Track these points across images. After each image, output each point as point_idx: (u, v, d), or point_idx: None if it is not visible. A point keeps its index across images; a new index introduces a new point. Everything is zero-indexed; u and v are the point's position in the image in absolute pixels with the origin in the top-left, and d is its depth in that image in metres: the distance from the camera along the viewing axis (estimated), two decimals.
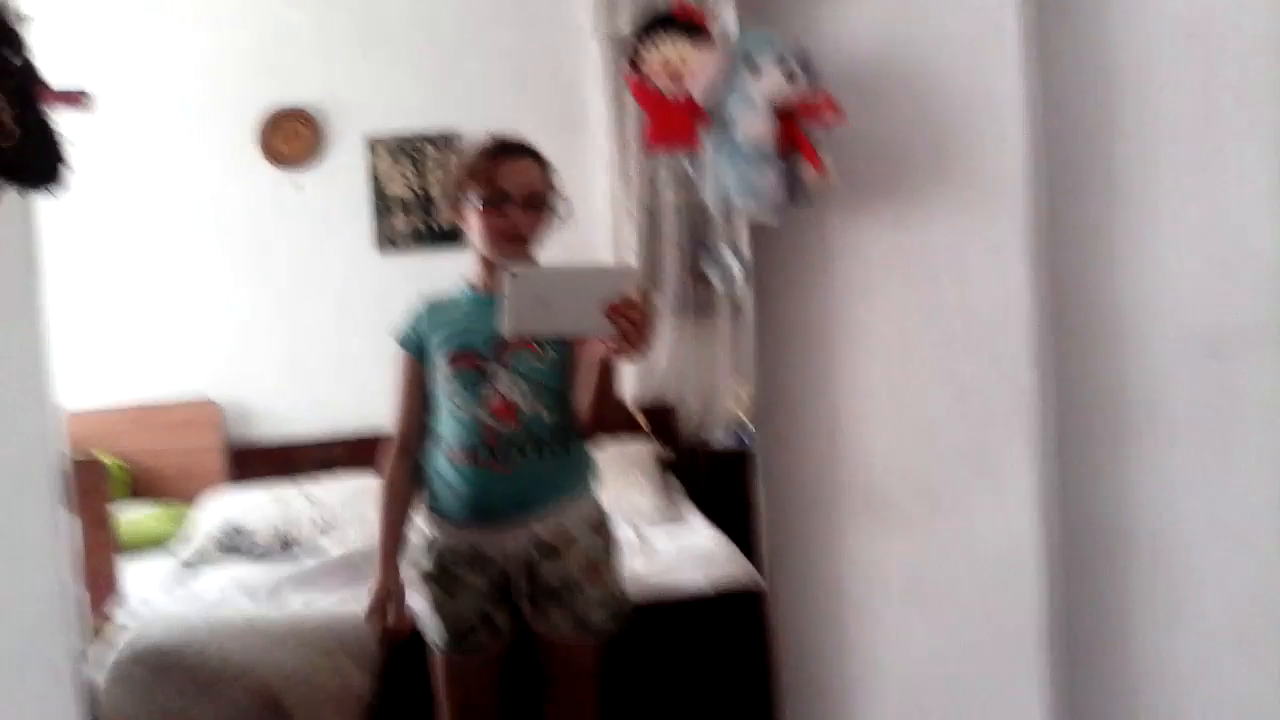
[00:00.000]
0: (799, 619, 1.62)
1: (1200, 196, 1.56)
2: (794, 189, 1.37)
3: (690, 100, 1.33)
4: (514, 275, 1.46)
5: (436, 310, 2.09)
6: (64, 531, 1.55)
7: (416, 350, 2.07)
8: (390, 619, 2.05)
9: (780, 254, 1.54)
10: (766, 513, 1.62)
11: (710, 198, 1.39)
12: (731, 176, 1.35)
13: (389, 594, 2.05)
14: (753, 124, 1.30)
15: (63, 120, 1.35)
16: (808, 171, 1.35)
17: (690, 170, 1.38)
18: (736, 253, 1.54)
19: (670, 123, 1.34)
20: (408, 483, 2.10)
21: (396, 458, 2.11)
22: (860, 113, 1.45)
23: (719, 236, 4.05)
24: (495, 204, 1.97)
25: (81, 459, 2.74)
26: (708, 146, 1.37)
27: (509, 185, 1.98)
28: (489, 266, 2.03)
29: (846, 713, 1.60)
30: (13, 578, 1.50)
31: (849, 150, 1.45)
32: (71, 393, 3.96)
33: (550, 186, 2.04)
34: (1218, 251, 1.57)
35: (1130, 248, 1.58)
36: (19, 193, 1.31)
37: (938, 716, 1.59)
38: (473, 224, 2.01)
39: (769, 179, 1.33)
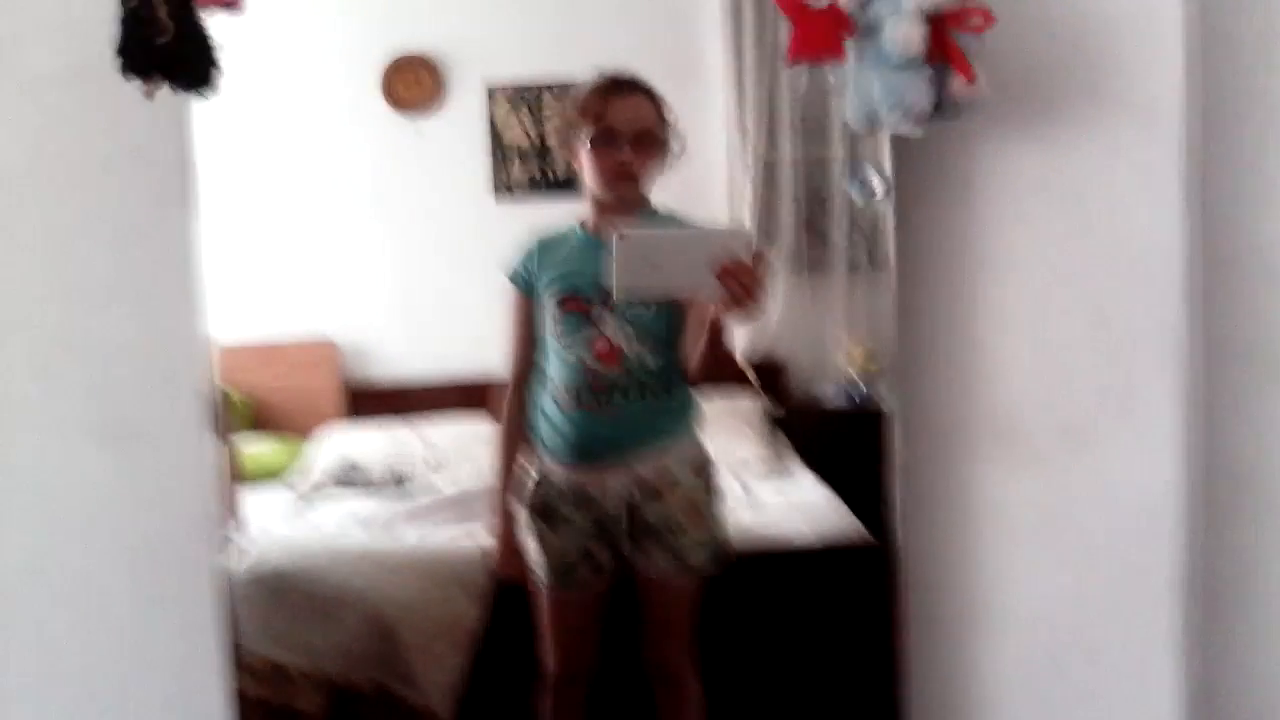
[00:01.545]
0: (928, 562, 1.59)
1: None
2: (941, 100, 1.32)
3: (835, 7, 1.29)
4: (622, 237, 1.44)
5: (547, 249, 2.08)
6: (211, 456, 1.60)
7: (526, 287, 2.08)
8: (511, 569, 2.11)
9: (923, 171, 1.49)
10: (900, 448, 1.58)
11: (853, 110, 1.35)
12: (877, 86, 1.30)
13: (509, 545, 2.10)
14: (902, 29, 1.25)
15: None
16: (956, 81, 1.29)
17: (832, 80, 1.33)
18: (878, 168, 1.49)
19: (815, 31, 1.29)
20: (523, 423, 2.11)
21: (513, 396, 2.12)
22: (1011, 24, 1.39)
23: (860, 151, 3.96)
24: (605, 141, 1.95)
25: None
26: (852, 55, 1.32)
27: (618, 122, 1.95)
28: (601, 206, 2.02)
29: (973, 656, 1.57)
30: (167, 500, 1.55)
31: (998, 64, 1.40)
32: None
33: (663, 122, 2.01)
34: None
35: None
36: (171, 90, 1.33)
37: (1067, 662, 1.55)
38: (584, 162, 1.99)
39: (917, 87, 1.28)
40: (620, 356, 1.97)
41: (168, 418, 1.56)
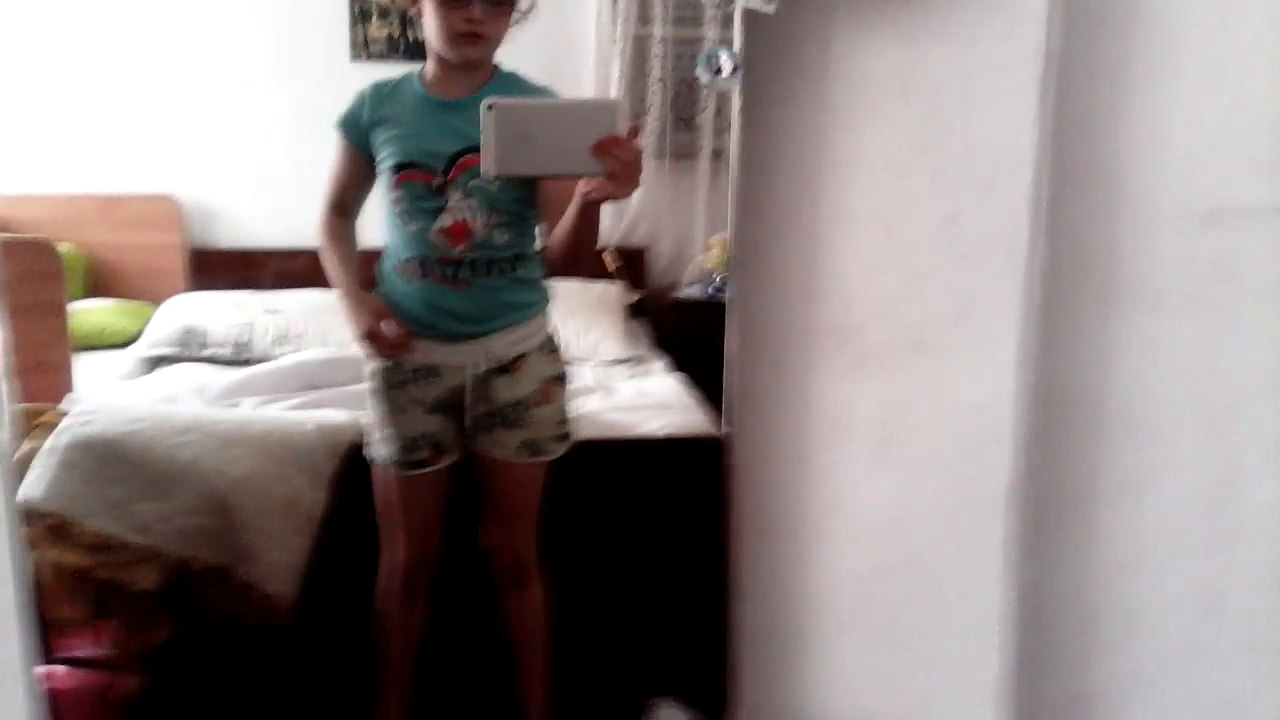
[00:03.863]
0: (762, 462, 1.57)
1: (1216, 57, 1.45)
2: None
3: None
4: (493, 109, 1.36)
5: (382, 101, 1.95)
6: None
7: (358, 138, 1.97)
8: (388, 333, 1.94)
9: (775, 54, 1.43)
10: (737, 346, 1.56)
11: None
12: None
13: (377, 313, 1.94)
14: None
15: None
16: None
17: None
18: (729, 49, 1.44)
19: None
20: (348, 231, 2.06)
21: (329, 214, 2.06)
22: None
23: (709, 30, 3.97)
24: None
25: (31, 241, 2.64)
26: None
27: None
28: (444, 66, 1.91)
29: (803, 560, 1.58)
30: None
31: None
32: (33, 177, 3.84)
33: None
34: (1226, 117, 1.47)
35: (1140, 101, 1.49)
36: None
37: (897, 570, 1.58)
38: (428, 18, 1.86)
39: None
40: (468, 234, 1.89)
41: None
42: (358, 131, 1.96)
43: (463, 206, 1.88)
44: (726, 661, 1.63)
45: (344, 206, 2.04)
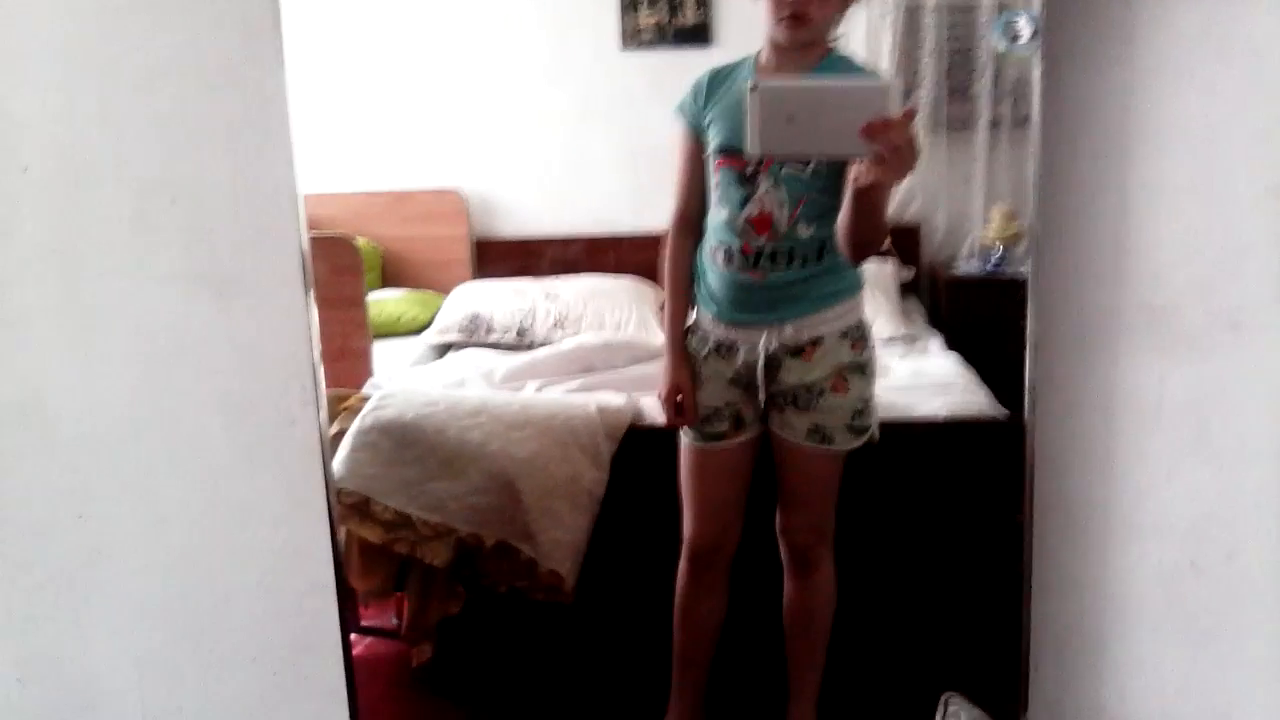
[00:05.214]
0: (1064, 450, 1.49)
1: None
2: None
3: None
4: (756, 89, 1.34)
5: (716, 84, 1.98)
6: (308, 309, 1.55)
7: (691, 123, 1.99)
8: (680, 409, 2.03)
9: (1078, 18, 1.34)
10: (1037, 326, 1.48)
11: None
12: None
13: (678, 387, 2.03)
14: None
15: None
16: None
17: None
18: (1028, 13, 1.36)
19: None
20: (691, 264, 2.05)
21: (676, 236, 2.06)
22: None
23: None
24: None
25: (334, 237, 2.82)
26: None
27: None
28: (776, 49, 1.91)
29: (1107, 553, 1.49)
30: (265, 351, 1.52)
31: None
32: (332, 177, 4.14)
33: None
34: None
35: None
36: None
37: (1212, 567, 1.46)
38: (761, 1, 1.86)
39: None
40: (771, 224, 1.90)
41: (264, 268, 1.50)
42: (692, 116, 2.00)
43: (769, 196, 1.89)
44: (1022, 658, 1.56)
45: (692, 213, 2.04)
